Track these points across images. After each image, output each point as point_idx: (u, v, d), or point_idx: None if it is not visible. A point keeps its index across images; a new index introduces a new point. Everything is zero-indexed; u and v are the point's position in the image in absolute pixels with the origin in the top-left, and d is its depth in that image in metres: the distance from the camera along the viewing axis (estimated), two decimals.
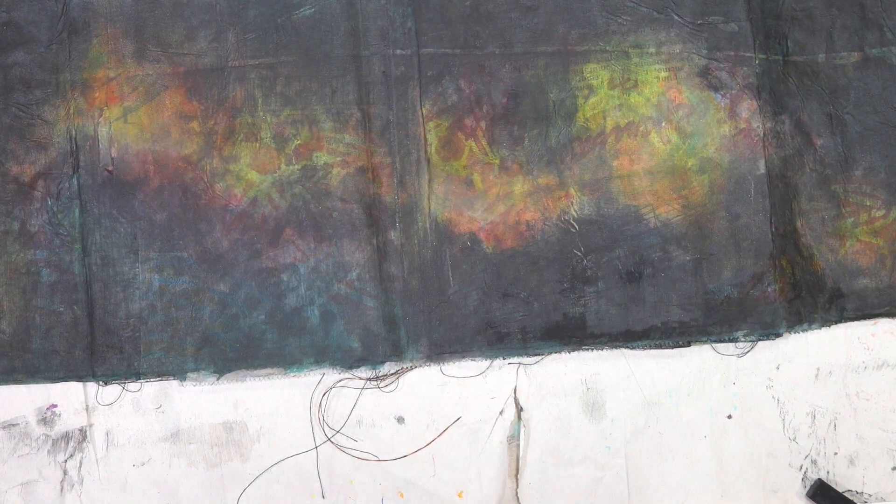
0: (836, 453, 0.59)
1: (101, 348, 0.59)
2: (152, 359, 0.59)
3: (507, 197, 0.59)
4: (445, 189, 0.59)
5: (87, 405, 0.60)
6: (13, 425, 0.60)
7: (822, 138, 0.59)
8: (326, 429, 0.60)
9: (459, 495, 0.60)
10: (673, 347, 0.59)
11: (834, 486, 0.58)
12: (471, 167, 0.59)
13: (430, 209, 0.59)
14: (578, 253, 0.59)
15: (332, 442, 0.60)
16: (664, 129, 0.59)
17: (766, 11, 0.59)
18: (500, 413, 0.60)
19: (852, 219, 0.59)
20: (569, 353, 0.59)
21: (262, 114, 0.59)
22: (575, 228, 0.59)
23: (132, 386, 0.60)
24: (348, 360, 0.59)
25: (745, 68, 0.59)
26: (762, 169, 0.59)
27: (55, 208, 0.60)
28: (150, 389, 0.60)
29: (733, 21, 0.59)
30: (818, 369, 0.59)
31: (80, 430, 0.60)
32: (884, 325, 0.59)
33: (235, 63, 0.59)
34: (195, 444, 0.60)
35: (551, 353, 0.59)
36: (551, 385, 0.60)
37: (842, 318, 0.59)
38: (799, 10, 0.59)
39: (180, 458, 0.60)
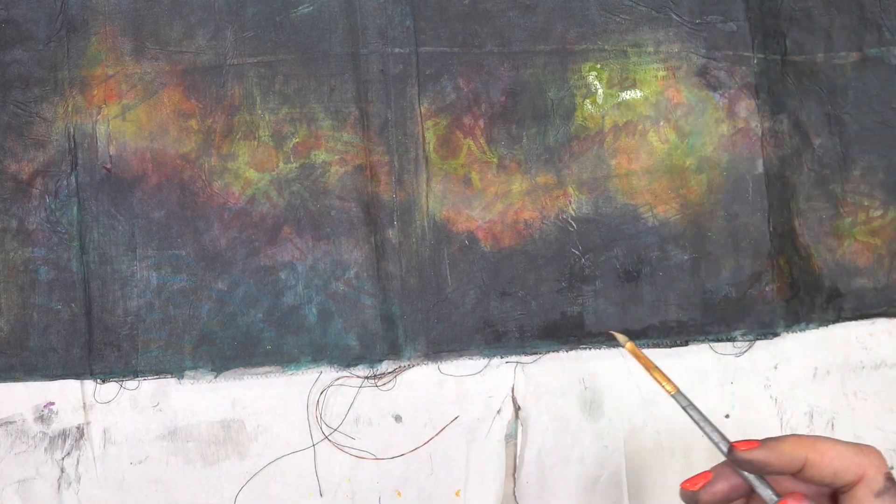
0: None
1: (98, 346, 0.59)
2: (150, 357, 0.59)
3: (505, 196, 0.59)
4: (443, 188, 0.59)
5: (84, 403, 0.60)
6: (10, 423, 0.60)
7: (821, 138, 0.59)
8: (324, 427, 0.60)
9: (457, 494, 0.60)
10: (671, 346, 0.59)
11: None
12: (469, 166, 0.59)
13: (428, 208, 0.59)
14: (576, 252, 0.59)
15: (329, 440, 0.60)
16: (662, 128, 0.59)
17: (765, 11, 0.59)
18: (498, 412, 0.60)
19: (850, 218, 0.59)
20: (566, 351, 0.59)
21: (260, 112, 0.59)
22: (573, 227, 0.59)
23: (130, 384, 0.60)
24: (346, 359, 0.59)
25: (743, 68, 0.59)
26: (760, 168, 0.59)
27: (53, 206, 0.59)
28: (147, 387, 0.60)
29: (732, 20, 0.59)
30: (816, 369, 0.59)
31: (78, 428, 0.60)
32: (881, 324, 0.59)
33: (234, 61, 0.60)
34: (193, 441, 0.60)
35: (549, 351, 0.59)
36: (549, 384, 0.60)
37: (839, 318, 0.59)
38: (797, 10, 0.59)
39: (178, 456, 0.60)
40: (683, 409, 0.42)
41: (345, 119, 0.59)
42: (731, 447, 0.39)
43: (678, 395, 0.42)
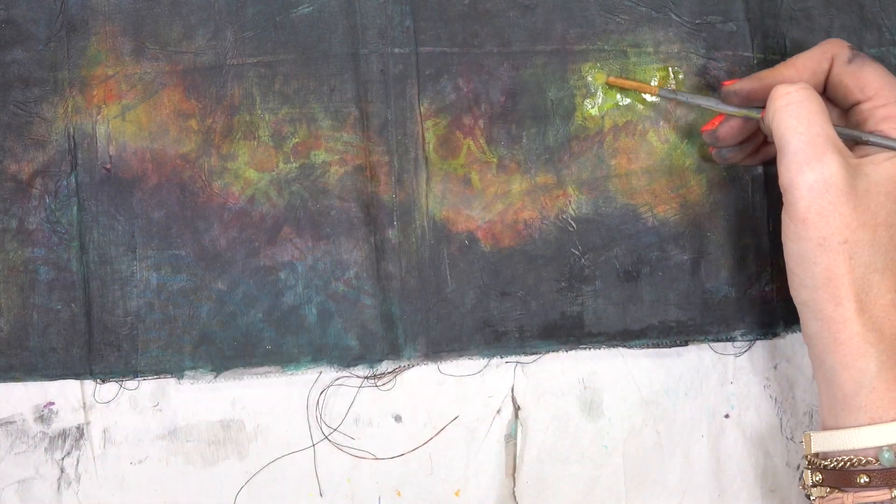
0: None
1: (98, 346, 0.59)
2: (150, 357, 0.59)
3: (504, 196, 0.59)
4: (443, 188, 0.59)
5: (84, 403, 0.60)
6: (10, 423, 0.60)
7: None
8: (324, 427, 0.60)
9: (457, 494, 0.60)
10: (670, 346, 0.59)
11: None
12: (469, 166, 0.59)
13: (427, 208, 0.59)
14: (576, 252, 0.59)
15: (329, 440, 0.60)
16: (662, 128, 0.59)
17: (765, 11, 0.59)
18: (498, 412, 0.60)
19: None
20: (566, 351, 0.59)
21: (260, 112, 0.59)
22: (573, 227, 0.59)
23: (130, 384, 0.60)
24: (346, 359, 0.59)
25: (743, 68, 0.59)
26: (760, 168, 0.59)
27: (53, 206, 0.60)
28: (147, 387, 0.60)
29: (731, 21, 0.59)
30: None
31: (78, 428, 0.60)
32: None
33: (234, 61, 0.60)
34: (192, 442, 0.60)
35: (549, 351, 0.59)
36: (549, 384, 0.60)
37: None
38: (797, 10, 0.59)
39: (177, 456, 0.60)
40: (674, 100, 0.56)
41: (345, 119, 0.59)
42: (720, 85, 0.53)
43: (662, 90, 0.55)
